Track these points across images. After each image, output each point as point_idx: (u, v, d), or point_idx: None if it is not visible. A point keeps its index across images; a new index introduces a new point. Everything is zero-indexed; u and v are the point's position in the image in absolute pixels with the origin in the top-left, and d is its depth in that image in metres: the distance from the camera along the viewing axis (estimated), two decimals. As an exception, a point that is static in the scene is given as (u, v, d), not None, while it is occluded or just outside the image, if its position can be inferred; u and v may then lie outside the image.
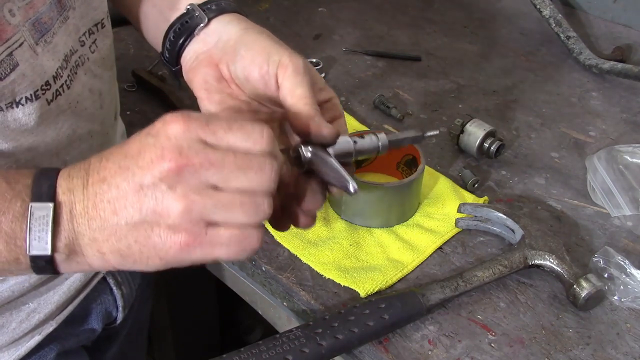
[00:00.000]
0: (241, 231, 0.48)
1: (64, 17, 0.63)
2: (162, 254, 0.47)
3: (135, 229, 0.47)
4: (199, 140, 0.47)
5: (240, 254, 0.49)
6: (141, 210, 0.47)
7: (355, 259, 0.77)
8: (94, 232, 0.48)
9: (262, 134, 0.48)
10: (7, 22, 0.55)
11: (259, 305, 0.84)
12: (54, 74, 0.61)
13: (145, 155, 0.47)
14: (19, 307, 0.69)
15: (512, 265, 0.74)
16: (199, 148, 0.46)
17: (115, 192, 0.47)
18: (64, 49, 0.63)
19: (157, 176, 0.46)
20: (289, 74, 0.57)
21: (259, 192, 0.48)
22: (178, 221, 0.46)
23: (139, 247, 0.48)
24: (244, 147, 0.48)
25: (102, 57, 0.71)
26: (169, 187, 0.46)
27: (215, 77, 0.63)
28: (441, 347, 0.68)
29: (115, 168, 0.48)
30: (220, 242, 0.47)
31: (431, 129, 0.62)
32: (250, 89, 0.61)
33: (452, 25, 1.32)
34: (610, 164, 0.88)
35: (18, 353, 0.71)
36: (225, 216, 0.47)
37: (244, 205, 0.47)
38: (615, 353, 0.68)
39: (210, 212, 0.46)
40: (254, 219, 0.48)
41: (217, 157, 0.47)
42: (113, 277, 0.82)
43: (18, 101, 0.58)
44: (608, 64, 1.13)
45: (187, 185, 0.46)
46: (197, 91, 0.63)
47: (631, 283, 0.74)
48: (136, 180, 0.47)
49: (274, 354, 0.61)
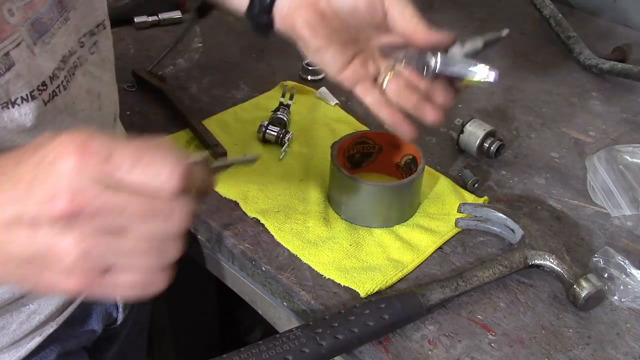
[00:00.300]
0: (144, 276, 0.43)
1: (64, 17, 0.62)
2: (56, 291, 0.44)
3: (26, 265, 0.42)
4: (97, 179, 0.41)
5: (144, 296, 0.45)
6: (32, 248, 0.42)
7: (355, 259, 0.77)
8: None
9: (173, 170, 0.42)
10: (5, 21, 0.55)
11: (259, 305, 0.84)
12: (51, 75, 0.61)
13: (37, 191, 0.41)
14: (20, 309, 0.69)
15: (512, 265, 0.74)
16: (96, 192, 0.40)
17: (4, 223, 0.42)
18: (62, 49, 0.63)
19: (50, 217, 0.40)
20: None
21: (168, 237, 0.43)
22: (71, 267, 0.41)
23: (32, 282, 0.44)
24: (151, 187, 0.42)
25: (102, 59, 0.71)
26: (63, 230, 0.41)
27: (318, 14, 0.66)
28: (441, 347, 0.68)
29: (7, 195, 0.42)
30: (118, 287, 0.43)
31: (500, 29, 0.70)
32: (356, 20, 0.65)
33: (452, 25, 1.32)
34: (610, 164, 0.88)
35: (19, 354, 0.71)
36: (127, 262, 0.43)
37: (149, 250, 0.43)
38: (615, 353, 0.68)
39: (110, 258, 0.42)
40: (160, 264, 0.44)
41: (117, 202, 0.41)
42: None
43: (14, 101, 0.57)
44: (608, 64, 1.13)
45: (83, 230, 0.41)
46: (301, 30, 0.66)
47: (631, 283, 0.74)
48: (28, 215, 0.41)
49: (274, 354, 0.61)
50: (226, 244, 0.81)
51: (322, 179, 0.87)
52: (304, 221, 0.81)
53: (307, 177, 0.87)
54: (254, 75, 1.10)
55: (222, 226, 0.81)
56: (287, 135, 0.92)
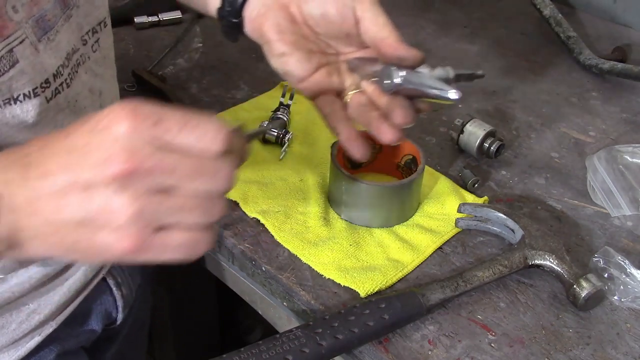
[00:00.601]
0: (191, 235, 0.46)
1: (67, 15, 0.62)
2: (107, 255, 0.45)
3: (80, 229, 0.44)
4: (149, 141, 0.44)
5: (190, 257, 0.47)
6: (86, 211, 0.44)
7: (355, 259, 0.77)
8: (36, 228, 0.46)
9: (218, 133, 0.45)
10: (9, 18, 0.54)
11: (259, 305, 0.84)
12: (55, 72, 0.61)
13: (92, 155, 0.44)
14: (19, 308, 0.69)
15: (512, 265, 0.74)
16: (149, 152, 0.43)
17: (59, 189, 0.44)
18: (66, 47, 0.63)
19: (105, 177, 0.43)
20: (367, 5, 0.61)
21: (214, 195, 0.46)
22: (126, 225, 0.43)
23: (83, 246, 0.45)
24: (197, 149, 0.45)
25: (104, 57, 0.71)
26: (118, 190, 0.43)
27: (287, 19, 0.64)
28: (441, 347, 0.68)
29: (61, 163, 0.45)
30: (168, 247, 0.45)
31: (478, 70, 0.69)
32: (326, 25, 0.63)
33: (452, 25, 1.32)
34: (610, 164, 0.88)
35: (18, 354, 0.71)
36: (177, 219, 0.45)
37: (197, 208, 0.45)
38: (615, 353, 0.68)
39: (161, 216, 0.44)
40: (208, 221, 0.46)
41: (170, 161, 0.44)
42: (113, 278, 0.82)
43: (16, 98, 0.57)
44: (608, 64, 1.13)
45: (137, 189, 0.43)
46: (269, 34, 0.64)
47: (631, 283, 0.74)
48: (83, 179, 0.44)
49: (274, 354, 0.61)
50: (226, 244, 0.81)
51: (322, 179, 0.87)
52: (304, 221, 0.81)
53: (307, 177, 0.87)
54: (254, 75, 1.11)
55: (222, 226, 0.81)
56: (287, 135, 0.92)
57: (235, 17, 0.67)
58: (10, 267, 0.65)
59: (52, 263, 0.70)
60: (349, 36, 0.64)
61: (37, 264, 0.68)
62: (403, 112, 0.61)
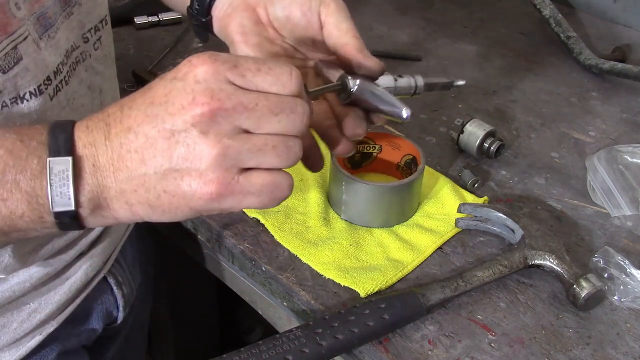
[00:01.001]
0: (272, 178, 0.47)
1: (67, 12, 0.63)
2: (192, 203, 0.47)
3: (165, 178, 0.46)
4: (228, 82, 0.46)
5: (270, 203, 0.48)
6: (171, 158, 0.46)
7: (355, 259, 0.77)
8: (120, 184, 0.47)
9: (291, 75, 0.48)
10: (12, 15, 0.55)
11: (259, 305, 0.84)
12: (55, 70, 0.61)
13: (175, 101, 0.46)
14: (20, 307, 0.69)
15: (512, 265, 0.74)
16: (230, 91, 0.45)
17: (143, 141, 0.46)
18: (65, 44, 0.63)
19: (189, 122, 0.45)
20: (333, 10, 0.59)
21: (291, 135, 0.48)
22: (211, 168, 0.45)
23: (168, 197, 0.47)
24: (273, 90, 0.47)
25: (105, 54, 0.71)
26: (201, 133, 0.45)
27: (253, 21, 0.63)
28: (441, 347, 0.68)
29: (142, 116, 0.47)
30: (251, 191, 0.47)
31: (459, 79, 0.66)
32: (291, 29, 0.61)
33: (452, 25, 1.32)
34: (610, 164, 0.88)
35: (19, 353, 0.71)
36: (258, 161, 0.47)
37: (276, 148, 0.47)
38: (615, 353, 0.68)
39: (244, 157, 0.46)
40: (286, 162, 0.48)
41: (249, 100, 0.46)
42: (113, 277, 0.82)
43: (22, 96, 0.58)
44: (608, 64, 1.13)
45: (219, 130, 0.45)
46: (233, 35, 0.63)
47: (631, 283, 0.74)
48: (166, 127, 0.45)
49: (274, 354, 0.61)
50: (226, 244, 0.81)
51: (322, 179, 0.87)
52: (304, 221, 0.81)
53: (307, 177, 0.87)
54: (254, 75, 1.10)
55: (222, 226, 0.81)
56: (287, 135, 0.92)
57: (204, 17, 0.66)
58: (12, 266, 0.65)
59: (52, 262, 0.70)
60: (314, 41, 0.62)
61: (37, 263, 0.69)
62: (353, 124, 0.58)
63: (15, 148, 0.47)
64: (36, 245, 0.67)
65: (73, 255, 0.73)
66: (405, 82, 0.60)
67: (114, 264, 0.82)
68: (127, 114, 0.48)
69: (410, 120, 0.61)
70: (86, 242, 0.74)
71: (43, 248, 0.68)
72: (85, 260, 0.75)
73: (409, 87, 0.61)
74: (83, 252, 0.75)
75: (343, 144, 0.59)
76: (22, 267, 0.67)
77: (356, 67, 0.58)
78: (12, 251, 0.64)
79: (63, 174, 0.46)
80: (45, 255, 0.69)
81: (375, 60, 0.58)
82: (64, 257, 0.71)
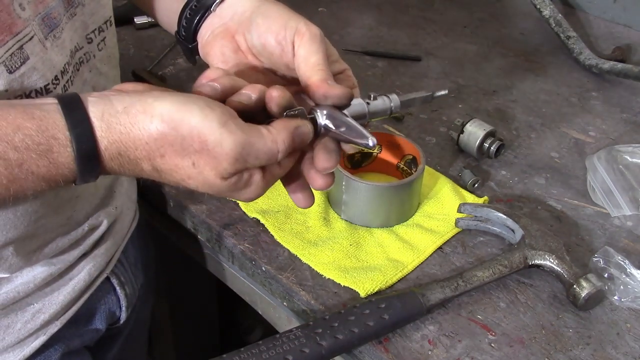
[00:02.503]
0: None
1: (70, 13, 0.63)
2: None
3: None
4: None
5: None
6: None
7: (355, 259, 0.77)
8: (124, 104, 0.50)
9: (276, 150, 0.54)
10: (17, 15, 0.55)
11: (259, 305, 0.84)
12: (62, 69, 0.61)
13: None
14: (24, 308, 0.69)
15: (512, 265, 0.74)
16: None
17: None
18: (70, 45, 0.63)
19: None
20: (305, 41, 0.58)
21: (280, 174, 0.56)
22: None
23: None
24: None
25: (109, 55, 0.71)
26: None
27: (232, 49, 0.63)
28: (441, 347, 0.68)
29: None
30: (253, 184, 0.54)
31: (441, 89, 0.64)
32: (267, 56, 0.61)
33: (452, 25, 1.32)
34: (610, 164, 0.88)
35: (23, 353, 0.71)
36: None
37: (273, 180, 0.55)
38: (615, 353, 0.68)
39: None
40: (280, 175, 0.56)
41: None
42: (116, 277, 0.82)
43: (28, 94, 0.58)
44: (608, 64, 1.13)
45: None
46: (214, 63, 0.64)
47: (631, 283, 0.74)
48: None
49: (274, 354, 0.61)
50: (226, 244, 0.81)
51: (322, 179, 0.87)
52: (304, 221, 0.81)
53: (307, 177, 0.87)
54: (254, 75, 1.10)
55: (222, 226, 0.81)
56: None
57: (190, 43, 0.68)
58: (16, 265, 0.65)
59: (56, 262, 0.70)
60: (289, 68, 0.61)
61: (41, 264, 0.69)
62: (324, 157, 0.57)
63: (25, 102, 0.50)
64: (40, 244, 0.67)
65: (76, 255, 0.73)
66: (380, 103, 0.60)
67: (117, 265, 0.82)
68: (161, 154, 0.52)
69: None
70: (89, 242, 0.74)
71: (47, 246, 0.68)
72: (89, 261, 0.75)
73: (384, 109, 0.60)
74: (86, 253, 0.75)
75: (321, 179, 0.59)
76: (26, 265, 0.67)
77: (323, 98, 0.57)
78: (16, 250, 0.64)
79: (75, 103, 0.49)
80: (49, 254, 0.69)
81: (340, 88, 0.57)
82: (67, 258, 0.71)
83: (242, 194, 0.55)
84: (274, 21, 0.59)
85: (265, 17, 0.60)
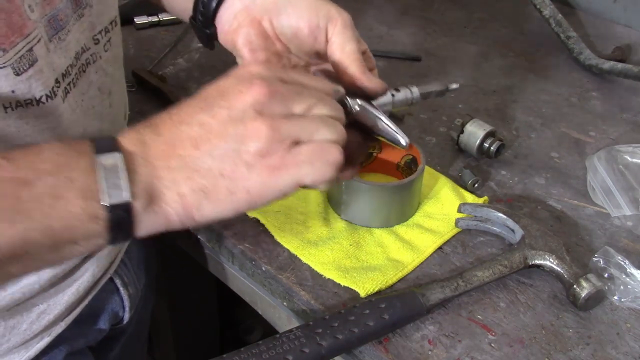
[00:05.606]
0: (320, 145, 0.50)
1: (78, 14, 0.62)
2: (249, 184, 0.48)
3: (222, 160, 0.48)
4: (279, 78, 0.51)
5: (327, 170, 0.50)
6: (227, 138, 0.48)
7: (355, 259, 0.77)
8: (173, 173, 0.47)
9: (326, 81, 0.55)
10: (27, 17, 0.54)
11: (259, 305, 0.84)
12: (63, 72, 0.61)
13: (231, 91, 0.49)
14: (30, 309, 0.69)
15: (512, 265, 0.74)
16: (282, 82, 0.50)
17: (197, 128, 0.48)
18: (75, 46, 0.63)
19: (248, 102, 0.48)
20: (339, 29, 0.60)
21: (336, 119, 0.52)
22: (266, 143, 0.48)
23: (225, 181, 0.47)
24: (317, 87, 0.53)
25: (114, 55, 0.71)
26: (257, 113, 0.48)
27: (259, 35, 0.63)
28: (441, 347, 0.68)
29: (195, 110, 0.49)
30: (303, 159, 0.49)
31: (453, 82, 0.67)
32: (297, 44, 0.62)
33: (452, 25, 1.32)
34: (610, 164, 0.88)
35: (28, 354, 0.71)
36: (309, 134, 0.50)
37: (325, 125, 0.51)
38: (615, 353, 0.68)
39: (296, 132, 0.49)
40: (334, 137, 0.51)
41: (300, 89, 0.51)
42: (120, 278, 0.82)
43: (38, 99, 0.57)
44: (608, 64, 1.13)
45: (274, 111, 0.49)
46: (240, 51, 0.63)
47: (631, 283, 0.74)
48: (222, 112, 0.48)
49: (274, 354, 0.61)
50: (226, 244, 0.81)
51: (322, 179, 0.87)
52: (304, 221, 0.81)
53: (307, 177, 0.87)
54: (254, 75, 1.10)
55: (222, 226, 0.81)
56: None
57: (207, 28, 0.67)
58: None
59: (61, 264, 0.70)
60: (320, 54, 0.63)
61: None
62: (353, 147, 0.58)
63: (63, 151, 0.47)
64: None
65: (80, 256, 0.73)
66: (402, 95, 0.62)
67: (120, 265, 0.82)
68: (178, 113, 0.49)
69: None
70: None
71: None
72: (93, 262, 0.75)
73: (406, 100, 0.63)
74: (90, 254, 0.75)
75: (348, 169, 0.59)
76: None
77: (359, 90, 0.59)
78: None
79: (114, 168, 0.46)
80: None
81: (378, 82, 0.60)
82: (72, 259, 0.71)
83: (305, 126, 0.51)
84: (304, 9, 0.60)
85: (294, 6, 0.61)
